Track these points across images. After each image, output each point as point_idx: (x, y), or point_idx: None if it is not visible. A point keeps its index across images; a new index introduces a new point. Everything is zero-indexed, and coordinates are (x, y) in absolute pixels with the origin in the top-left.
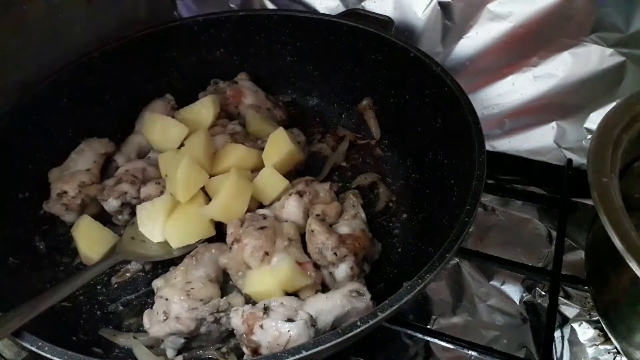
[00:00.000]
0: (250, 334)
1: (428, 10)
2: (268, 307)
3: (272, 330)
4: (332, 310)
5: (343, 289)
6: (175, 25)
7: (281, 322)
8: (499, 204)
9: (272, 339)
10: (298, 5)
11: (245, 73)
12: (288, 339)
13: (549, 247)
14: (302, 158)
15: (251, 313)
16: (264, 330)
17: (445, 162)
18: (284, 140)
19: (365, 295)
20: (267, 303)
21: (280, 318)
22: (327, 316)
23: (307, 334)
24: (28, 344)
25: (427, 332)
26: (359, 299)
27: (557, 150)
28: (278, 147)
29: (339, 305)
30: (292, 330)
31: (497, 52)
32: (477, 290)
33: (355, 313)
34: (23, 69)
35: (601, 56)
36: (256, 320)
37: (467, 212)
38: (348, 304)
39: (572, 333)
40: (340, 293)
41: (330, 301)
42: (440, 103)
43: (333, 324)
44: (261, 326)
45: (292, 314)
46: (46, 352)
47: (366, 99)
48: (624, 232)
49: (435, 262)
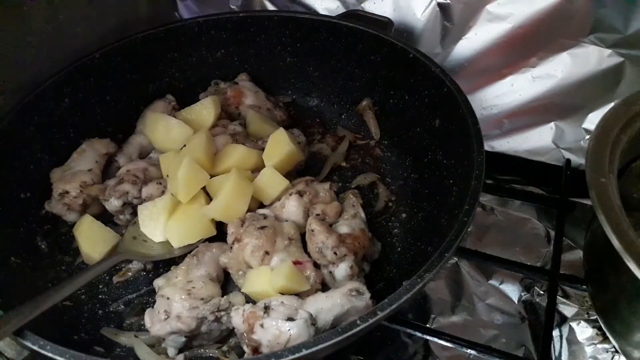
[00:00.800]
0: (250, 333)
1: (427, 11)
2: (268, 307)
3: (272, 329)
4: (332, 309)
5: (343, 288)
6: (176, 26)
7: (281, 321)
8: (497, 204)
9: (272, 337)
10: (298, 7)
11: (245, 74)
12: (288, 338)
13: (548, 247)
14: (302, 158)
15: (252, 312)
16: (264, 329)
17: (444, 162)
18: (284, 140)
19: (365, 294)
20: (267, 302)
21: (281, 317)
22: (327, 315)
23: (307, 332)
24: (30, 343)
25: (427, 331)
26: (358, 297)
27: (556, 151)
28: (278, 147)
29: (338, 304)
30: (292, 329)
31: (496, 53)
32: (476, 290)
33: (355, 312)
34: (24, 69)
35: (600, 57)
36: (257, 319)
37: (465, 211)
38: (348, 303)
39: (571, 332)
40: (340, 292)
41: (330, 300)
42: (440, 104)
43: (333, 323)
44: (261, 325)
45: (292, 313)
46: (48, 351)
47: (366, 99)
48: (622, 231)
49: (434, 262)
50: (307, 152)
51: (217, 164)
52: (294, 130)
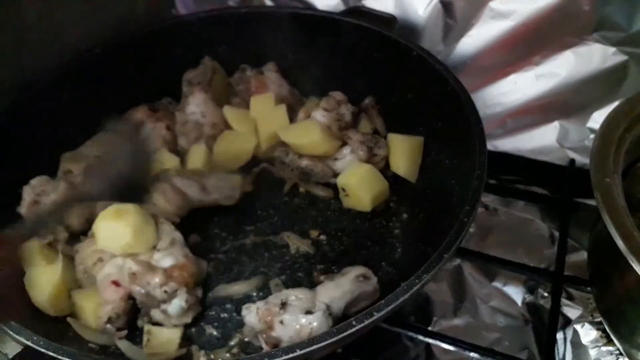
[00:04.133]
0: (270, 331)
1: (429, 8)
2: (285, 302)
3: (293, 324)
4: (343, 297)
5: (349, 275)
6: (178, 22)
7: (301, 315)
8: (501, 204)
9: (293, 333)
10: (297, 3)
11: (273, 64)
12: (310, 331)
13: (551, 248)
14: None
15: (267, 310)
16: (284, 326)
17: (446, 162)
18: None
19: (372, 279)
20: (284, 298)
21: (299, 312)
22: (339, 303)
23: (326, 323)
24: (23, 339)
25: (428, 334)
26: (366, 282)
27: (560, 150)
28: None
29: (348, 290)
30: (312, 322)
31: (498, 51)
32: (479, 292)
33: (365, 296)
34: (19, 68)
35: (604, 55)
36: (274, 316)
37: (466, 212)
38: (357, 289)
39: (575, 334)
40: (348, 279)
41: (341, 288)
42: (442, 102)
43: (344, 311)
44: (281, 322)
45: (310, 306)
46: (41, 347)
47: (368, 97)
48: (627, 232)
49: (433, 263)
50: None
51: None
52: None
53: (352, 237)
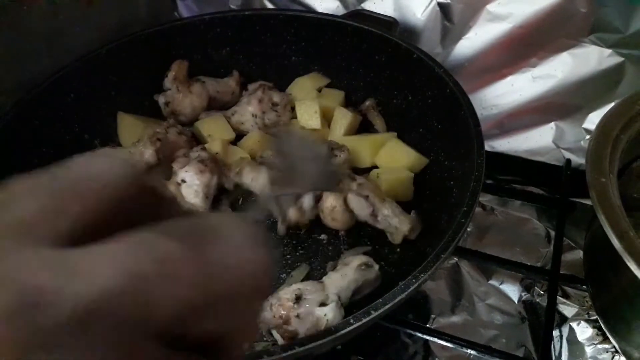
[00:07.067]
0: (287, 325)
1: (427, 11)
2: (300, 296)
3: (309, 317)
4: (350, 286)
5: (352, 264)
6: (182, 23)
7: (316, 308)
8: (497, 204)
9: (310, 325)
10: (298, 6)
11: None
12: (326, 323)
13: (548, 247)
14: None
15: (281, 305)
16: (301, 319)
17: (445, 163)
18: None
19: (374, 266)
20: (298, 292)
21: (315, 305)
22: (347, 292)
23: (340, 314)
24: None
25: (427, 331)
26: (368, 270)
27: (556, 151)
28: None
29: (353, 280)
30: (328, 313)
31: (496, 53)
32: (476, 290)
33: (368, 284)
34: (22, 70)
35: (600, 57)
36: (290, 310)
37: (463, 213)
38: (361, 277)
39: (571, 332)
40: (351, 268)
41: (346, 278)
42: (442, 104)
43: (350, 300)
44: (297, 316)
45: (323, 298)
46: None
47: (369, 99)
48: (623, 232)
49: (430, 262)
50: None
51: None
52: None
53: (351, 236)
